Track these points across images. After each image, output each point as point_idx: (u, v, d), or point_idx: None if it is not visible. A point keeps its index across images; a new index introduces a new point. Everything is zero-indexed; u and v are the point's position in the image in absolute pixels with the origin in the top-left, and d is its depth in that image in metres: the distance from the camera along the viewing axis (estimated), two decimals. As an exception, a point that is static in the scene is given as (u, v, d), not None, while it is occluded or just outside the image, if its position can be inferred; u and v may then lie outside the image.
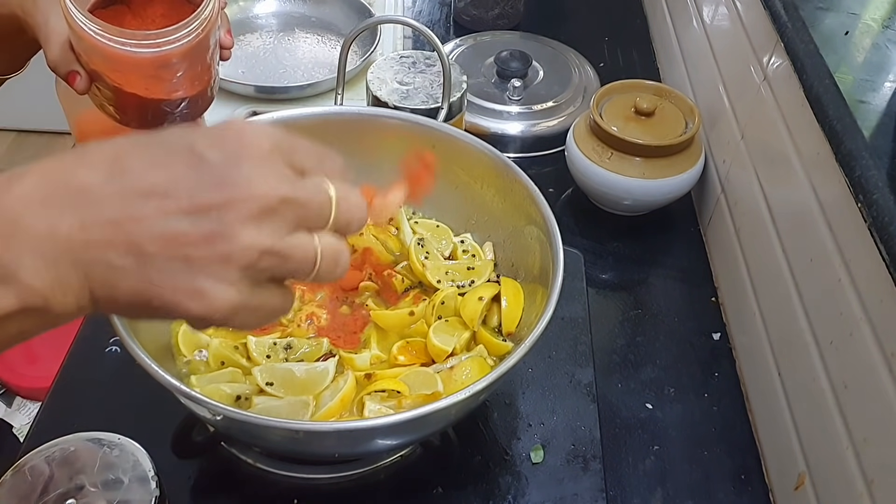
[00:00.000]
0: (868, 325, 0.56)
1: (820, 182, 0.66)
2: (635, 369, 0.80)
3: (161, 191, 0.35)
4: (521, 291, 0.68)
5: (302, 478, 0.65)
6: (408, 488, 0.66)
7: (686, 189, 0.91)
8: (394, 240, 0.74)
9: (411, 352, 0.65)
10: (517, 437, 0.69)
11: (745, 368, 0.80)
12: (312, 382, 0.61)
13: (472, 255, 0.73)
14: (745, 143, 0.85)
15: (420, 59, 0.90)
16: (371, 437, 0.55)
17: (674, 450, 0.74)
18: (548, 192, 0.90)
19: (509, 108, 1.05)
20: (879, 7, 0.76)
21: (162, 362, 0.55)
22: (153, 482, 0.53)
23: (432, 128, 0.74)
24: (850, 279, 0.59)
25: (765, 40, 0.81)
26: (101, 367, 0.71)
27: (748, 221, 0.82)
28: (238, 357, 0.64)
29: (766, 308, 0.76)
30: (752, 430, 0.76)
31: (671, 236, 0.96)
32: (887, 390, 0.53)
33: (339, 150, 0.75)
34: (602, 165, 0.89)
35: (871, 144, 0.58)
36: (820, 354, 0.63)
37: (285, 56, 1.12)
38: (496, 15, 1.25)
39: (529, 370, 0.74)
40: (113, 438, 0.55)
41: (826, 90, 0.64)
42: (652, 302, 0.87)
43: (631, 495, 0.70)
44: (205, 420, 0.57)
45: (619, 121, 0.90)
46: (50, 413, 0.68)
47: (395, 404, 0.61)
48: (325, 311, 0.68)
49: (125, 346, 0.52)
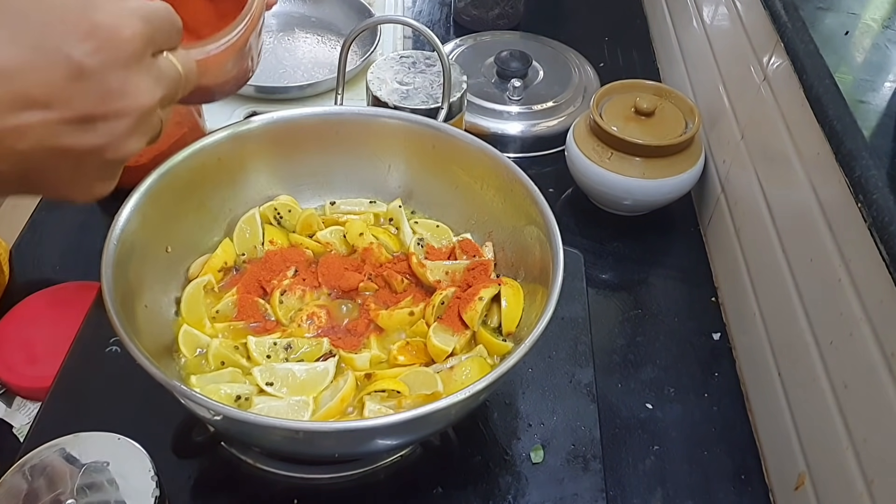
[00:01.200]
0: (868, 325, 0.56)
1: (820, 182, 0.66)
2: (635, 369, 0.80)
3: (43, 102, 0.36)
4: (520, 291, 0.68)
5: (302, 478, 0.65)
6: (408, 488, 0.66)
7: (686, 189, 0.91)
8: (394, 239, 0.74)
9: (411, 352, 0.65)
10: (517, 437, 0.69)
11: (745, 368, 0.80)
12: (312, 382, 0.61)
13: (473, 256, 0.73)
14: (745, 143, 0.85)
15: (420, 59, 0.90)
16: (371, 437, 0.55)
17: (674, 450, 0.74)
18: (548, 192, 0.90)
19: (509, 108, 1.05)
20: (879, 7, 0.76)
21: (162, 362, 0.55)
22: (153, 482, 0.53)
23: (432, 128, 0.74)
24: (850, 279, 0.59)
25: (765, 40, 0.81)
26: (101, 367, 0.71)
27: (748, 221, 0.82)
28: (238, 357, 0.64)
29: (766, 308, 0.76)
30: (752, 430, 0.76)
31: (671, 236, 0.96)
32: (887, 390, 0.53)
33: (339, 150, 0.76)
34: (602, 165, 0.89)
35: (871, 144, 0.58)
36: (820, 354, 0.63)
37: (285, 56, 1.12)
38: (496, 15, 1.25)
39: (529, 370, 0.74)
40: (113, 438, 0.55)
41: (826, 90, 0.64)
42: (652, 302, 0.87)
43: (631, 495, 0.70)
44: (205, 420, 0.57)
45: (619, 121, 0.90)
46: (50, 413, 0.68)
47: (395, 404, 0.61)
48: (325, 311, 0.68)
49: (125, 346, 0.52)
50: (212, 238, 0.73)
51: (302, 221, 0.75)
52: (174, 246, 0.68)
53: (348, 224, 0.74)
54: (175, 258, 0.69)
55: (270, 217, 0.75)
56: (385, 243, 0.73)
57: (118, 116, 0.38)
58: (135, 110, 0.39)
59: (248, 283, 0.69)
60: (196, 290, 0.67)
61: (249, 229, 0.73)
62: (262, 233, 0.73)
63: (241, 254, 0.72)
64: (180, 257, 0.69)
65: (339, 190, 0.78)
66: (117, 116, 0.38)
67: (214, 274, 0.70)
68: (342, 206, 0.77)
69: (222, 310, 0.67)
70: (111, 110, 0.38)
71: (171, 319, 0.67)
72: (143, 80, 0.39)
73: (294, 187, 0.77)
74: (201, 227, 0.72)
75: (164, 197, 0.66)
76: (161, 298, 0.66)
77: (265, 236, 0.73)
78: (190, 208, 0.70)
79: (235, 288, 0.69)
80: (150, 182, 0.65)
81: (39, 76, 0.35)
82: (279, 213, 0.75)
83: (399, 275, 0.71)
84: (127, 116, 0.39)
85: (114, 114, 0.38)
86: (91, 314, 0.75)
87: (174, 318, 0.67)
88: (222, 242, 0.72)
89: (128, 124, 0.39)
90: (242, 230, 0.73)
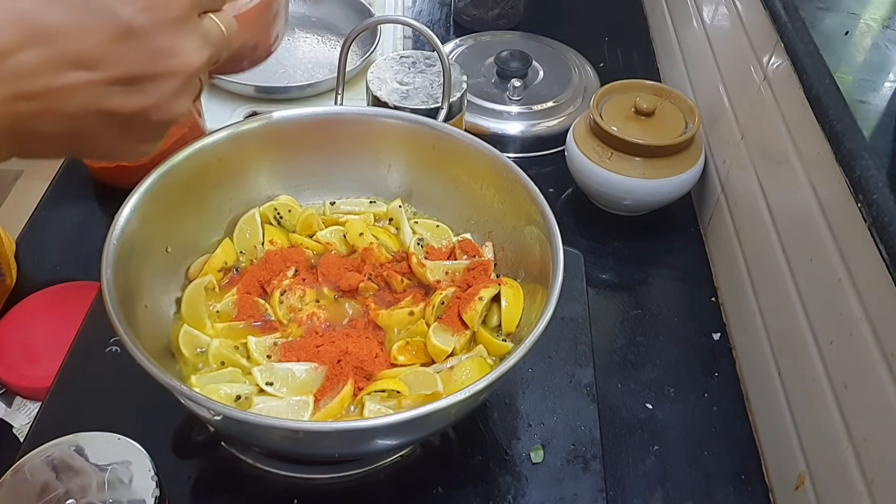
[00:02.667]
0: (868, 325, 0.56)
1: (820, 182, 0.66)
2: (635, 369, 0.80)
3: (90, 62, 0.35)
4: (520, 291, 0.68)
5: (302, 478, 0.65)
6: (408, 488, 0.66)
7: (686, 189, 0.91)
8: (393, 239, 0.74)
9: (411, 352, 0.65)
10: (517, 437, 0.69)
11: (745, 368, 0.80)
12: (312, 382, 0.61)
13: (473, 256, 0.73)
14: (745, 143, 0.85)
15: (420, 59, 0.90)
16: (371, 437, 0.55)
17: (674, 450, 0.74)
18: (548, 192, 0.90)
19: (509, 108, 1.05)
20: (879, 7, 0.76)
21: (162, 362, 0.55)
22: (153, 482, 0.53)
23: (432, 128, 0.74)
24: (850, 279, 0.59)
25: (765, 40, 0.81)
26: (101, 367, 0.71)
27: (748, 221, 0.82)
28: (238, 357, 0.63)
29: (766, 308, 0.76)
30: (752, 430, 0.76)
31: (671, 236, 0.96)
32: (887, 390, 0.53)
33: (339, 150, 0.76)
34: (602, 165, 0.89)
35: (871, 144, 0.58)
36: (820, 354, 0.63)
37: (285, 56, 1.12)
38: (496, 15, 1.25)
39: (529, 370, 0.74)
40: (113, 438, 0.55)
41: (826, 90, 0.64)
42: (652, 302, 0.87)
43: (631, 495, 0.70)
44: (205, 420, 0.57)
45: (619, 121, 0.90)
46: (50, 413, 0.68)
47: (395, 404, 0.61)
48: (324, 312, 0.68)
49: (125, 346, 0.52)
50: (212, 238, 0.73)
51: (302, 221, 0.75)
52: (174, 246, 0.68)
53: (348, 224, 0.74)
54: (175, 258, 0.69)
55: (270, 217, 0.75)
56: (385, 243, 0.73)
57: (166, 77, 0.38)
58: (183, 70, 0.38)
59: (248, 283, 0.69)
60: (196, 291, 0.67)
61: (249, 229, 0.73)
62: (262, 233, 0.73)
63: (241, 253, 0.72)
64: (180, 257, 0.69)
65: (339, 190, 0.78)
66: (165, 77, 0.38)
67: (214, 274, 0.70)
68: (342, 206, 0.77)
69: (222, 310, 0.67)
70: (160, 71, 0.38)
71: (171, 319, 0.67)
72: (191, 41, 0.39)
73: (294, 187, 0.77)
74: (201, 227, 0.72)
75: (164, 197, 0.66)
76: (161, 298, 0.66)
77: (265, 236, 0.73)
78: (190, 208, 0.70)
79: (235, 288, 0.69)
80: (150, 182, 0.65)
81: (87, 36, 0.35)
82: (279, 213, 0.75)
83: (399, 275, 0.71)
84: (175, 77, 0.38)
85: (162, 75, 0.38)
86: (91, 314, 0.75)
87: (174, 318, 0.67)
88: (222, 242, 0.72)
89: (175, 85, 0.38)
90: (242, 230, 0.73)
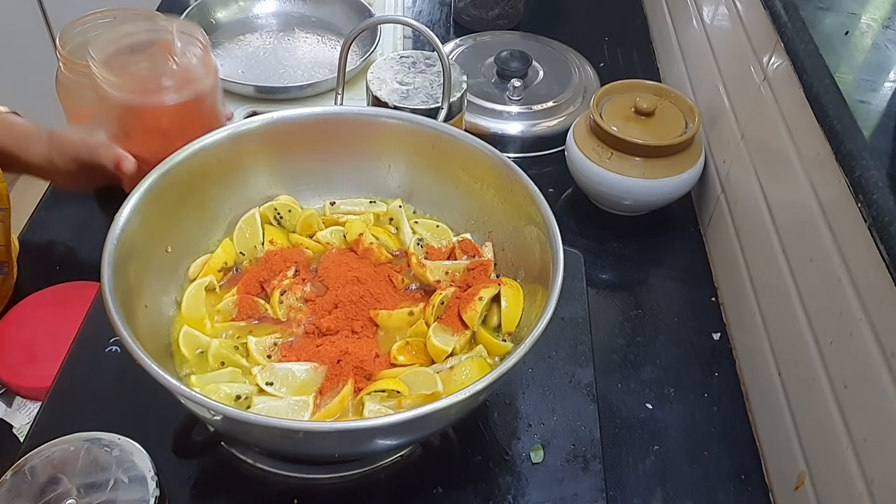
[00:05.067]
0: (868, 325, 0.56)
1: (820, 182, 0.66)
2: (635, 369, 0.80)
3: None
4: (520, 291, 0.68)
5: (302, 478, 0.65)
6: (408, 488, 0.66)
7: (686, 189, 0.91)
8: (394, 239, 0.74)
9: (411, 352, 0.65)
10: (517, 437, 0.69)
11: (745, 368, 0.80)
12: (312, 382, 0.61)
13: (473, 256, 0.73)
14: (745, 143, 0.85)
15: (420, 59, 0.90)
16: (371, 437, 0.55)
17: (674, 450, 0.74)
18: (548, 192, 0.90)
19: (509, 108, 1.05)
20: (879, 7, 0.76)
21: (162, 362, 0.55)
22: (153, 482, 0.53)
23: (432, 128, 0.74)
24: (850, 279, 0.59)
25: (765, 40, 0.81)
26: (101, 367, 0.71)
27: (748, 221, 0.82)
28: (238, 357, 0.64)
29: (766, 308, 0.76)
30: (752, 430, 0.76)
31: (671, 236, 0.96)
32: (887, 390, 0.53)
33: (339, 150, 0.76)
34: (602, 165, 0.89)
35: (871, 144, 0.58)
36: (820, 354, 0.63)
37: (285, 56, 1.12)
38: (496, 15, 1.25)
39: (529, 370, 0.74)
40: (113, 438, 0.55)
41: (826, 90, 0.64)
42: (652, 302, 0.87)
43: (631, 495, 0.70)
44: (205, 420, 0.57)
45: (619, 121, 0.90)
46: (50, 413, 0.68)
47: (395, 404, 0.61)
48: (324, 311, 0.68)
49: (125, 346, 0.52)
50: (212, 238, 0.73)
51: (302, 221, 0.75)
52: (174, 246, 0.68)
53: (348, 224, 0.74)
54: (175, 258, 0.69)
55: (270, 217, 0.75)
56: (385, 243, 0.73)
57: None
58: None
59: (248, 283, 0.69)
60: (197, 291, 0.67)
61: (249, 229, 0.73)
62: (262, 233, 0.73)
63: (241, 253, 0.72)
64: (180, 257, 0.69)
65: (339, 190, 0.78)
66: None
67: (214, 274, 0.70)
68: (342, 206, 0.77)
69: (222, 310, 0.67)
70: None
71: (170, 319, 0.67)
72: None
73: (294, 187, 0.77)
74: (201, 227, 0.72)
75: (164, 197, 0.66)
76: (161, 298, 0.66)
77: (265, 236, 0.73)
78: (190, 208, 0.70)
79: (236, 288, 0.69)
80: (150, 182, 0.65)
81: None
82: (279, 213, 0.75)
83: (399, 275, 0.71)
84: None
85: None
86: (91, 314, 0.75)
87: (174, 318, 0.67)
88: (222, 242, 0.72)
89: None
90: (242, 230, 0.73)
